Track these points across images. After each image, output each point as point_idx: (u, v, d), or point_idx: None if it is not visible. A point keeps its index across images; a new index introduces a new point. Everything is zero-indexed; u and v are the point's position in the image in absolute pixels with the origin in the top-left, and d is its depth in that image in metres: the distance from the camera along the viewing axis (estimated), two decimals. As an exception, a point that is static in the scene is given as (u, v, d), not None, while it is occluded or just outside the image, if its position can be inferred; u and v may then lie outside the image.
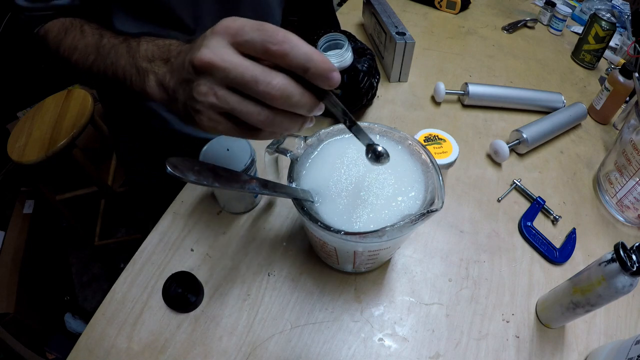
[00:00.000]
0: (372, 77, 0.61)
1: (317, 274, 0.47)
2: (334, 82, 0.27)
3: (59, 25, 0.48)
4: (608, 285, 0.35)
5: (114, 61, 0.39)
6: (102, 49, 0.41)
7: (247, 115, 0.28)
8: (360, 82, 0.58)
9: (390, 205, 0.37)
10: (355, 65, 0.57)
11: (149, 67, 0.35)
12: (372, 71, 0.61)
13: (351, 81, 0.57)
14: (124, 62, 0.38)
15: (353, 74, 0.58)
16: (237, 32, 0.27)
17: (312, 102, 0.28)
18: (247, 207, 0.52)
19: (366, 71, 0.59)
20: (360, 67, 0.58)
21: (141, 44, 0.37)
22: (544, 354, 0.43)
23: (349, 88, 0.58)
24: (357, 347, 0.42)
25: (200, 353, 0.41)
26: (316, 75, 0.27)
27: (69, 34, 0.46)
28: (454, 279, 0.48)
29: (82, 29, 0.45)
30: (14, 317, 1.11)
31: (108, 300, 0.44)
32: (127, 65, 0.37)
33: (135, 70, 0.36)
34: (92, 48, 0.42)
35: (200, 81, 0.28)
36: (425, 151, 0.39)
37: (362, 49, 0.61)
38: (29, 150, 1.04)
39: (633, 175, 0.54)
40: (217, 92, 0.28)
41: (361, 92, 0.60)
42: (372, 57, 0.62)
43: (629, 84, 0.68)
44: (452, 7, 1.00)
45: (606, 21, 0.81)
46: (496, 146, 0.61)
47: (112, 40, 0.41)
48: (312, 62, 0.26)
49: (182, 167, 0.28)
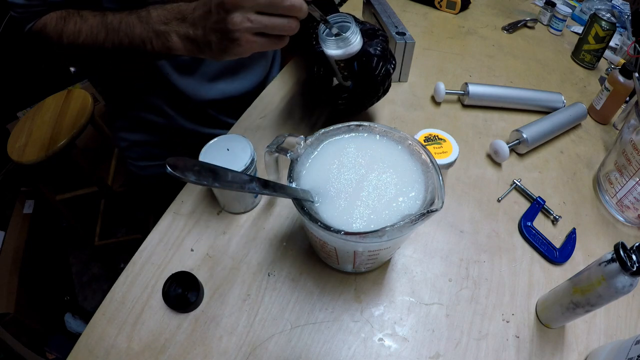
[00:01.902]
0: (388, 61, 0.50)
1: (317, 274, 0.47)
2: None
3: (55, 16, 0.49)
4: (608, 285, 0.35)
5: (127, 32, 0.43)
6: (110, 25, 0.44)
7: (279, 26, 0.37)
8: (374, 69, 0.48)
9: (390, 205, 0.37)
10: (366, 49, 0.48)
11: (167, 28, 0.41)
12: (387, 55, 0.51)
13: (363, 69, 0.48)
14: (139, 31, 0.42)
15: (365, 59, 0.48)
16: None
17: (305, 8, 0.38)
18: (247, 207, 0.52)
19: (380, 55, 0.49)
20: (372, 50, 0.48)
21: (151, 11, 0.42)
22: (544, 354, 0.43)
23: (362, 77, 0.48)
24: (357, 347, 0.42)
25: (200, 353, 0.41)
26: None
27: (68, 21, 0.47)
28: (454, 279, 0.48)
29: (80, 14, 0.47)
30: (14, 317, 1.11)
31: (108, 300, 0.44)
32: (143, 32, 0.42)
33: (153, 34, 0.41)
34: (99, 27, 0.45)
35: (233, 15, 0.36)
36: (425, 151, 0.39)
37: (372, 30, 0.52)
38: (29, 150, 1.04)
39: (633, 175, 0.54)
40: (250, 17, 0.36)
41: (377, 80, 0.50)
42: (385, 39, 0.52)
43: (629, 84, 0.68)
44: (452, 7, 1.00)
45: (606, 21, 0.81)
46: (496, 146, 0.61)
47: (117, 15, 0.44)
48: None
49: (182, 167, 0.28)
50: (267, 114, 0.67)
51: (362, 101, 0.54)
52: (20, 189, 1.45)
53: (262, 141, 0.61)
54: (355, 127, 0.43)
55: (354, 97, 0.51)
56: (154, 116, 0.66)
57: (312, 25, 0.60)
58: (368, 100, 0.54)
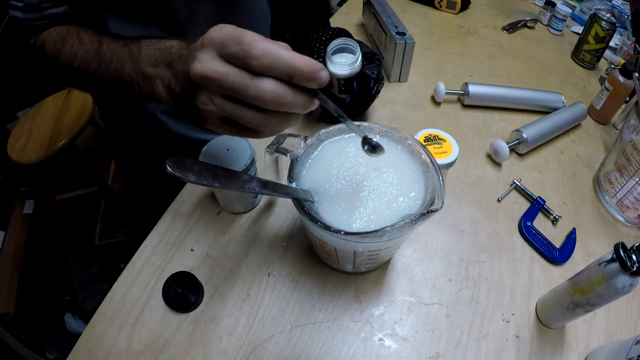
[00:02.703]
0: (380, 82, 0.61)
1: (317, 274, 0.47)
2: (321, 81, 0.28)
3: (55, 34, 0.48)
4: (608, 285, 0.35)
5: (117, 67, 0.40)
6: (102, 56, 0.41)
7: (243, 119, 0.30)
8: (371, 89, 0.58)
9: (391, 205, 0.37)
10: (365, 72, 0.57)
11: (154, 72, 0.36)
12: (380, 77, 0.61)
13: (361, 88, 0.57)
14: (129, 69, 0.38)
15: (364, 81, 0.57)
16: (222, 44, 0.28)
17: (305, 100, 0.30)
18: (247, 207, 0.52)
19: (376, 78, 0.58)
20: (370, 73, 0.57)
21: (142, 48, 0.38)
22: (544, 354, 0.43)
23: (359, 94, 0.57)
24: (357, 347, 0.42)
25: (200, 353, 0.41)
26: (303, 79, 0.28)
27: (66, 43, 0.46)
28: (454, 279, 0.48)
29: (79, 37, 0.45)
30: (14, 317, 1.11)
31: (108, 300, 0.44)
32: (132, 72, 0.38)
33: (141, 76, 0.37)
34: (92, 55, 0.42)
35: (199, 92, 0.30)
36: (425, 151, 0.39)
37: (370, 54, 0.61)
38: (29, 150, 1.04)
39: (633, 175, 0.54)
40: (215, 101, 0.30)
41: (370, 98, 0.60)
42: (380, 63, 0.61)
43: (629, 84, 0.68)
44: (452, 7, 1.00)
45: (606, 21, 0.81)
46: (496, 146, 0.61)
47: (111, 46, 0.41)
48: (295, 70, 0.28)
49: (182, 167, 0.28)
50: (267, 114, 0.67)
51: (353, 112, 0.63)
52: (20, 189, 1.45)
53: (262, 141, 0.61)
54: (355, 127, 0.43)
55: (347, 109, 0.59)
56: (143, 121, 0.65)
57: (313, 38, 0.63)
58: (358, 111, 0.64)
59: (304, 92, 0.29)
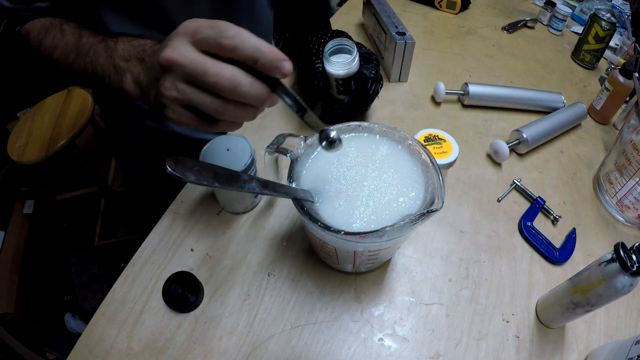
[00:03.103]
0: (378, 83, 0.61)
1: (317, 274, 0.47)
2: (284, 70, 0.29)
3: (39, 25, 0.49)
4: (608, 285, 0.35)
5: (93, 60, 0.41)
6: (81, 48, 0.42)
7: (201, 105, 0.31)
8: (369, 89, 0.58)
9: (390, 205, 0.37)
10: (362, 72, 0.57)
11: (125, 66, 0.37)
12: (378, 77, 0.61)
13: (359, 88, 0.57)
14: (103, 61, 0.40)
15: (361, 80, 0.57)
16: (195, 30, 0.30)
17: (261, 92, 0.30)
18: (247, 207, 0.52)
19: (374, 77, 0.58)
20: (368, 73, 0.58)
21: (118, 43, 0.39)
22: (544, 354, 0.43)
23: (357, 94, 0.58)
24: (357, 347, 0.42)
25: (200, 353, 0.41)
26: (266, 65, 0.29)
27: (49, 34, 0.47)
28: (454, 279, 0.48)
29: (61, 29, 0.46)
30: (14, 317, 1.11)
31: (108, 300, 0.44)
32: (105, 64, 0.39)
33: (113, 69, 0.38)
34: (72, 47, 0.44)
35: (165, 77, 0.31)
36: (425, 151, 0.39)
37: (368, 54, 0.61)
38: (29, 150, 1.04)
39: (633, 175, 0.54)
40: (178, 86, 0.30)
41: (368, 98, 0.60)
42: (378, 63, 0.62)
43: (629, 84, 0.68)
44: (452, 7, 1.00)
45: (606, 21, 0.81)
46: (496, 146, 0.61)
47: (90, 40, 0.42)
48: (260, 53, 0.29)
49: (182, 167, 0.28)
50: (267, 114, 0.67)
51: (352, 113, 0.62)
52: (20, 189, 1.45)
53: (262, 141, 0.61)
54: (355, 127, 0.43)
55: (346, 109, 0.60)
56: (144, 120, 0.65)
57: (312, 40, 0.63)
58: (358, 112, 0.64)
59: (263, 83, 0.30)
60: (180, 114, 0.32)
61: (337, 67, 0.53)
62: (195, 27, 0.30)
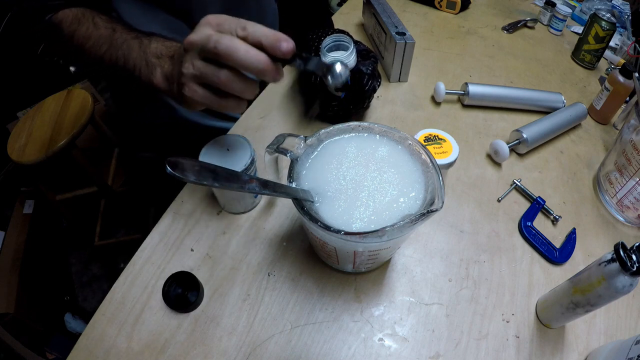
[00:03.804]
0: (375, 80, 0.61)
1: (317, 274, 0.47)
2: (282, 48, 0.34)
3: (71, 15, 0.50)
4: (608, 285, 0.35)
5: (125, 53, 0.44)
6: (115, 42, 0.45)
7: (211, 76, 0.35)
8: (365, 85, 0.59)
9: (390, 205, 0.37)
10: (359, 67, 0.57)
11: (156, 62, 0.41)
12: (376, 74, 0.61)
13: (355, 83, 0.58)
14: (135, 55, 0.43)
15: (358, 76, 0.58)
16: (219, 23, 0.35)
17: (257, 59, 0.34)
18: (247, 207, 0.52)
19: (370, 74, 0.59)
20: (364, 69, 0.58)
21: (152, 42, 0.43)
22: (544, 354, 0.43)
23: (353, 90, 0.58)
24: (357, 347, 0.42)
25: (200, 353, 0.41)
26: (268, 45, 0.34)
27: (82, 25, 0.48)
28: (454, 279, 0.48)
29: (94, 21, 0.48)
30: (14, 317, 1.11)
31: (108, 300, 0.44)
32: (137, 58, 0.43)
33: (144, 63, 0.42)
34: (105, 39, 0.46)
35: (186, 57, 0.36)
36: (425, 151, 0.39)
37: (366, 51, 0.62)
38: (29, 150, 1.04)
39: (633, 175, 0.54)
40: (195, 63, 0.35)
41: (365, 94, 0.60)
42: (376, 60, 0.62)
43: (629, 84, 0.68)
44: (452, 7, 1.00)
45: (606, 21, 0.81)
46: (496, 146, 0.61)
47: (124, 35, 0.45)
48: (264, 36, 0.34)
49: (182, 167, 0.28)
50: (267, 114, 0.67)
51: (349, 110, 0.63)
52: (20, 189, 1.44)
53: (262, 141, 0.61)
54: (355, 127, 0.43)
55: (343, 106, 0.61)
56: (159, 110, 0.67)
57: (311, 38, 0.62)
58: (354, 109, 0.64)
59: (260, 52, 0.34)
60: (196, 91, 0.36)
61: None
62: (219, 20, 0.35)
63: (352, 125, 0.43)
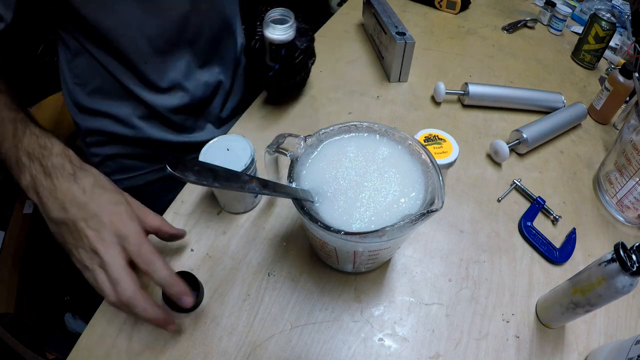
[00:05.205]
0: (308, 57, 0.63)
1: (317, 274, 0.47)
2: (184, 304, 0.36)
3: None
4: (608, 285, 0.35)
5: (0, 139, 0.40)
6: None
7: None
8: (295, 58, 0.61)
9: (390, 205, 0.37)
10: (294, 42, 0.59)
11: (27, 163, 0.38)
12: (309, 51, 0.63)
13: (288, 55, 0.59)
14: (8, 146, 0.39)
15: (291, 49, 0.60)
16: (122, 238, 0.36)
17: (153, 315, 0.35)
18: (247, 207, 0.52)
19: (303, 49, 0.61)
20: (299, 45, 0.60)
21: (25, 135, 0.39)
22: (544, 354, 0.43)
23: (285, 61, 0.60)
24: (357, 347, 0.42)
25: (200, 353, 0.41)
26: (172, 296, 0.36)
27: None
28: (454, 279, 0.48)
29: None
30: (14, 317, 1.11)
31: (108, 300, 0.44)
32: (9, 151, 0.39)
33: (15, 160, 0.38)
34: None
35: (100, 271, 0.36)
36: (425, 151, 0.39)
37: (305, 29, 0.64)
38: (29, 150, 1.04)
39: (633, 175, 0.54)
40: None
41: (295, 67, 0.62)
42: (312, 39, 0.64)
43: (629, 84, 0.68)
44: (452, 7, 1.00)
45: (606, 21, 0.81)
46: (496, 146, 0.61)
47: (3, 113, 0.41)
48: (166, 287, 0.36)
49: (182, 167, 0.28)
50: (267, 114, 0.67)
51: (283, 84, 0.64)
52: (21, 188, 1.44)
53: (262, 141, 0.60)
54: (355, 127, 0.43)
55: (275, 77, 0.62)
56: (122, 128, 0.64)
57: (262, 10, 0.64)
58: (286, 82, 0.64)
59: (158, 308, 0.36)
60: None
61: (271, 31, 0.56)
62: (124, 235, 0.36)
63: (352, 126, 0.43)
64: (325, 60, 0.80)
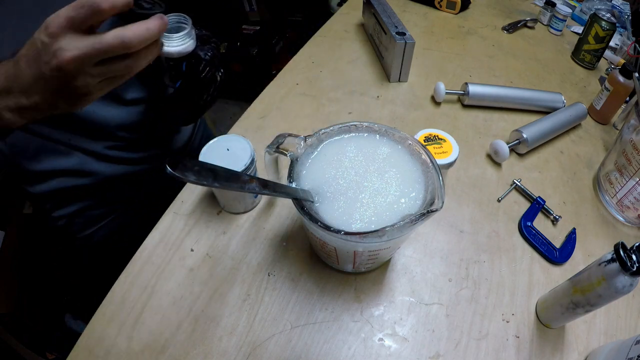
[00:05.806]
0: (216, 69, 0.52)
1: (317, 274, 0.47)
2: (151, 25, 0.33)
3: None
4: (608, 285, 0.35)
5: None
6: None
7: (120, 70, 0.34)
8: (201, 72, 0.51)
9: (390, 205, 0.37)
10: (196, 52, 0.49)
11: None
12: (216, 62, 0.53)
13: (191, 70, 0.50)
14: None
15: (194, 62, 0.50)
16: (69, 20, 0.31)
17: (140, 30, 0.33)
18: (247, 207, 0.52)
19: (209, 60, 0.51)
20: (202, 55, 0.51)
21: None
22: (544, 354, 0.43)
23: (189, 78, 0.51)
24: (357, 347, 0.42)
25: (200, 353, 0.41)
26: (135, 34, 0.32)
27: None
28: (454, 279, 0.48)
29: None
30: (14, 317, 1.11)
31: (108, 300, 0.44)
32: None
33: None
34: None
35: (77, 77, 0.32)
36: (425, 151, 0.39)
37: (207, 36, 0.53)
38: (29, 150, 1.04)
39: (633, 175, 0.54)
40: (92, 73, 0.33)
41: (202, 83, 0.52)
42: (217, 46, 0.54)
43: (629, 84, 0.68)
44: (452, 7, 1.00)
45: (606, 21, 0.81)
46: (496, 146, 0.61)
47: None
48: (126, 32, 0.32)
49: (182, 167, 0.28)
50: (267, 114, 0.67)
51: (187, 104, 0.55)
52: (20, 188, 1.44)
53: (262, 141, 0.61)
54: (355, 127, 0.43)
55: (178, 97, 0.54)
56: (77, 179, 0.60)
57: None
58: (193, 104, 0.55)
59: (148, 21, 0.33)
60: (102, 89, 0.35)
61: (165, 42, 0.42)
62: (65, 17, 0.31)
63: (352, 126, 0.43)
64: (325, 60, 0.80)
